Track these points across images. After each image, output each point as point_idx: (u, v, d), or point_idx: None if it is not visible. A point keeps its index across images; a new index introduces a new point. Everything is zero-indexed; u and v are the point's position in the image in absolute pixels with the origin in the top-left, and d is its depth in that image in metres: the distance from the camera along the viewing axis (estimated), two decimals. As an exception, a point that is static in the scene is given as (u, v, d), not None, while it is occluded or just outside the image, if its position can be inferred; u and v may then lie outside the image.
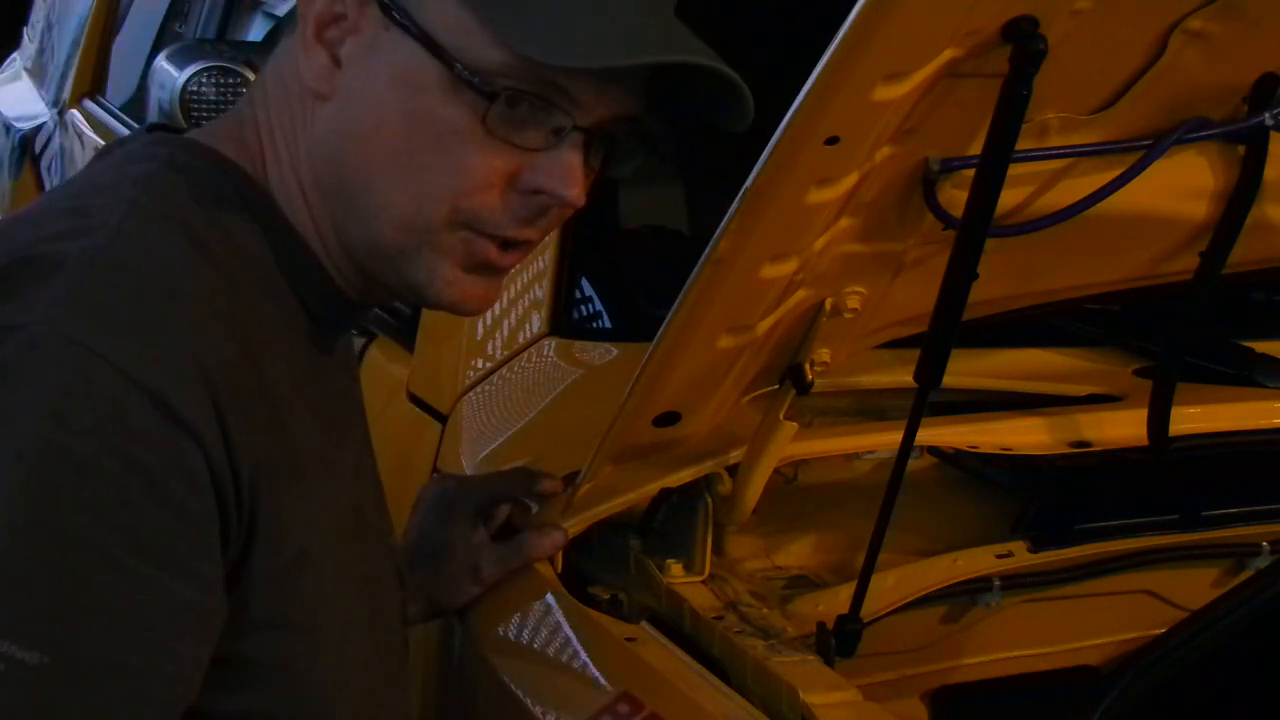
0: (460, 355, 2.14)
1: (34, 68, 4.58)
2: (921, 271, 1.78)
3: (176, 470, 1.18)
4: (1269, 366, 2.25)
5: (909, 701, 2.06)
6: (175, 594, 1.19)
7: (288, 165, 1.35)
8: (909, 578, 1.93)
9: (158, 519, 1.18)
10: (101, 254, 1.22)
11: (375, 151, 1.31)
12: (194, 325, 1.22)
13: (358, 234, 1.35)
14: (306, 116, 1.34)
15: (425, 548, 1.77)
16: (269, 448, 1.25)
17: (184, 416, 1.18)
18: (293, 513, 1.28)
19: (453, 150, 1.30)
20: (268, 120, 1.36)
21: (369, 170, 1.32)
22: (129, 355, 1.17)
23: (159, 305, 1.21)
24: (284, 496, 1.27)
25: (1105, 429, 2.05)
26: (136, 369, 1.17)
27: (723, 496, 1.84)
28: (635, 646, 1.66)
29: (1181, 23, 1.63)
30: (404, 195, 1.32)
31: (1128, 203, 1.80)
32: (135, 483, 1.16)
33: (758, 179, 1.45)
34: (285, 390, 1.29)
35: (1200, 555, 2.12)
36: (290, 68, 1.35)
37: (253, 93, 1.40)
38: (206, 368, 1.20)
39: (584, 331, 2.17)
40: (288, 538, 1.28)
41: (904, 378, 1.78)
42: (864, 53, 1.38)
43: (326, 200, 1.35)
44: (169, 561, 1.18)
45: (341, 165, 1.33)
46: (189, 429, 1.18)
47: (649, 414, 1.73)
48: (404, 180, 1.31)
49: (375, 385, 2.26)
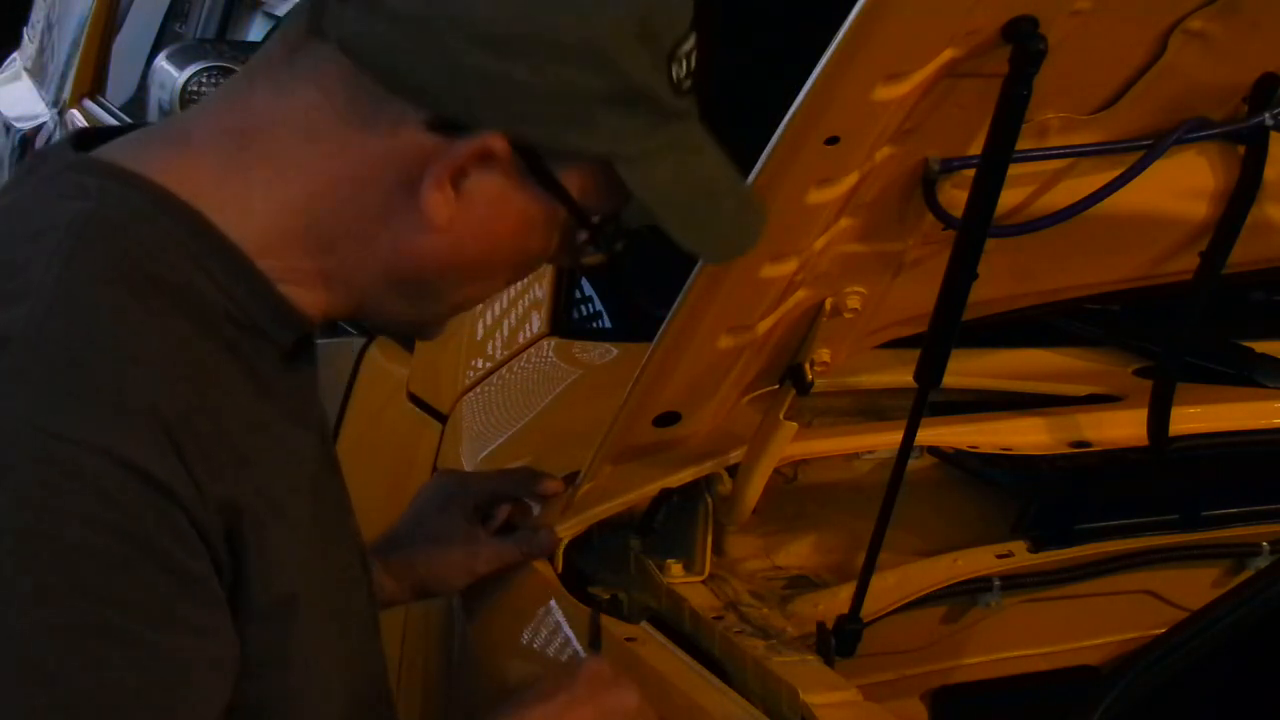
0: (460, 355, 2.14)
1: (34, 68, 4.58)
2: (921, 271, 1.78)
3: (166, 533, 1.17)
4: (1269, 366, 2.25)
5: (909, 701, 2.06)
6: (191, 653, 1.19)
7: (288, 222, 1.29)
8: (909, 578, 1.93)
9: (160, 584, 1.17)
10: (46, 326, 1.18)
11: (457, 269, 1.32)
12: (149, 385, 1.19)
13: (397, 314, 1.36)
14: (382, 218, 1.29)
15: (422, 531, 1.77)
16: (240, 492, 1.24)
17: (160, 478, 1.17)
18: (277, 552, 1.27)
19: (524, 271, 1.37)
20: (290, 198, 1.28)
21: (440, 278, 1.33)
22: (94, 430, 1.15)
23: (112, 371, 1.18)
24: (265, 537, 1.26)
25: (1105, 429, 2.05)
26: (105, 442, 1.15)
27: (723, 496, 1.84)
28: (635, 646, 1.66)
29: (1181, 23, 1.63)
30: (477, 295, 1.38)
31: (1128, 203, 1.80)
32: (131, 555, 1.16)
33: (758, 179, 1.45)
34: (247, 431, 1.26)
35: (1200, 555, 2.12)
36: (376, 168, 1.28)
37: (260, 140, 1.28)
38: (169, 424, 1.19)
39: (584, 331, 2.17)
40: (275, 578, 1.27)
41: (904, 378, 1.79)
42: (864, 53, 1.38)
43: (372, 286, 1.33)
44: (178, 624, 1.19)
45: (415, 270, 1.31)
46: (166, 489, 1.17)
47: (649, 414, 1.73)
48: (484, 286, 1.36)
49: (375, 385, 2.26)
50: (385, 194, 1.28)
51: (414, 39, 1.23)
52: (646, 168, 1.30)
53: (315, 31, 1.26)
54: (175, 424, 1.19)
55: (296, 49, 1.28)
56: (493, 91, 1.24)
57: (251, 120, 1.28)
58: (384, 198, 1.28)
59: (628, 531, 1.81)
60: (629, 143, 1.28)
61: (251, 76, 1.30)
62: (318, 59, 1.26)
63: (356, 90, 1.25)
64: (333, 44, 1.25)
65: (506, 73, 1.23)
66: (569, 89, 1.25)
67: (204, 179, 1.27)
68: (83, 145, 1.31)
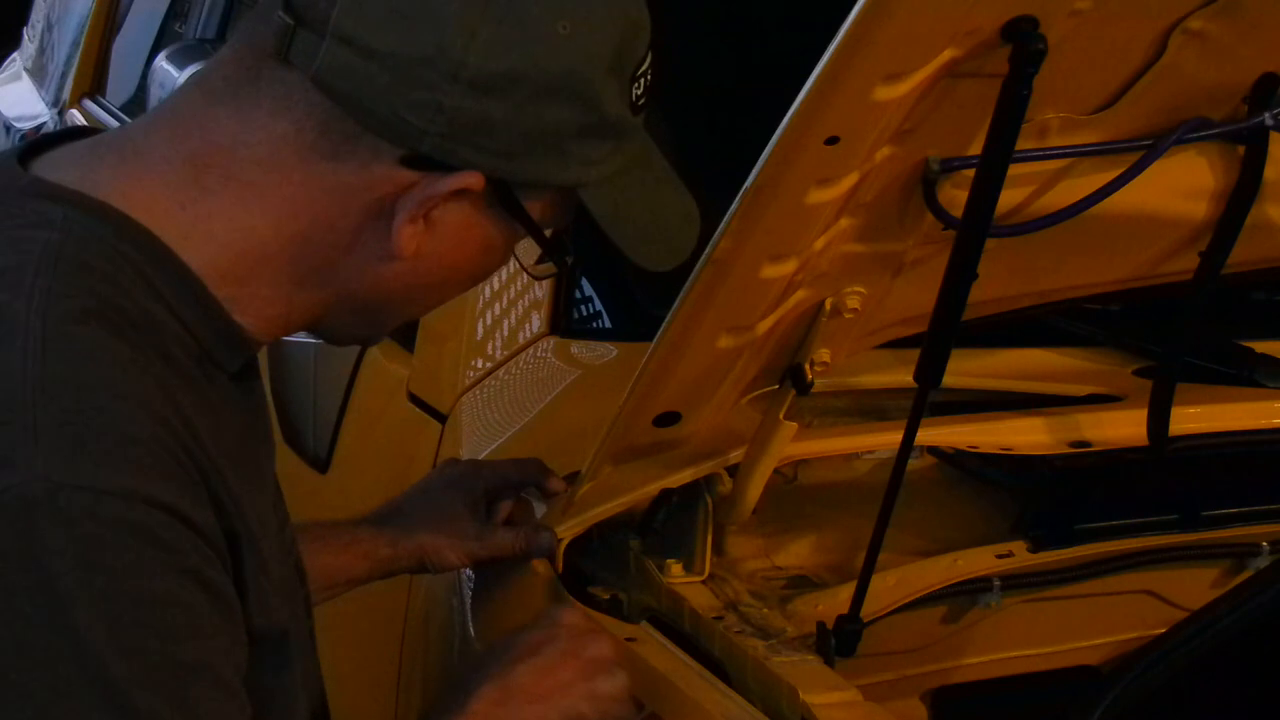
0: (460, 355, 2.14)
1: (34, 68, 4.58)
2: (921, 271, 1.78)
3: (207, 562, 1.20)
4: (1269, 366, 2.25)
5: (909, 701, 2.06)
6: (232, 659, 1.23)
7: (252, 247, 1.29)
8: (909, 578, 1.93)
9: (212, 607, 1.20)
10: (46, 381, 1.17)
11: (420, 291, 1.36)
12: (158, 422, 1.20)
13: (351, 330, 1.39)
14: (347, 245, 1.30)
15: (424, 504, 1.77)
16: (231, 519, 1.25)
17: (187, 513, 1.19)
18: (256, 573, 1.28)
19: (487, 277, 1.41)
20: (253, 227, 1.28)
21: (410, 301, 1.37)
22: (127, 478, 1.16)
23: (123, 414, 1.18)
24: (248, 559, 1.27)
25: (1105, 429, 2.05)
26: (140, 488, 1.16)
27: (723, 496, 1.84)
28: (635, 646, 1.66)
29: (1181, 23, 1.63)
30: (430, 308, 1.41)
31: (1128, 203, 1.80)
32: (190, 588, 1.18)
33: (758, 179, 1.45)
34: (220, 459, 1.26)
35: (1200, 555, 2.12)
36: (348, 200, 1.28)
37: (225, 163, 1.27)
38: (183, 460, 1.20)
39: (584, 331, 2.17)
40: (257, 597, 1.28)
41: (904, 378, 1.79)
42: (864, 53, 1.38)
43: (312, 298, 1.33)
44: (227, 635, 1.22)
45: (377, 296, 1.34)
46: (193, 524, 1.19)
47: (649, 414, 1.73)
48: (438, 301, 1.39)
49: (375, 385, 2.26)
50: (353, 225, 1.29)
51: (392, 77, 1.23)
52: (608, 191, 1.32)
53: (281, 58, 1.24)
54: (184, 458, 1.20)
55: (259, 73, 1.26)
56: (473, 131, 1.25)
57: (212, 143, 1.27)
58: (351, 228, 1.29)
59: (628, 531, 1.81)
60: (595, 169, 1.31)
61: (209, 94, 1.28)
62: (287, 88, 1.25)
63: (329, 124, 1.25)
64: (302, 75, 1.24)
65: (486, 112, 1.24)
66: (546, 125, 1.26)
67: (164, 204, 1.26)
68: (30, 154, 1.29)
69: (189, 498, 1.20)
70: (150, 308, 1.24)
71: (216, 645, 1.20)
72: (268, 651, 1.29)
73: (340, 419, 2.28)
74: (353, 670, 2.21)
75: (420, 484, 1.81)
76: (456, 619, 1.87)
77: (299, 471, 2.30)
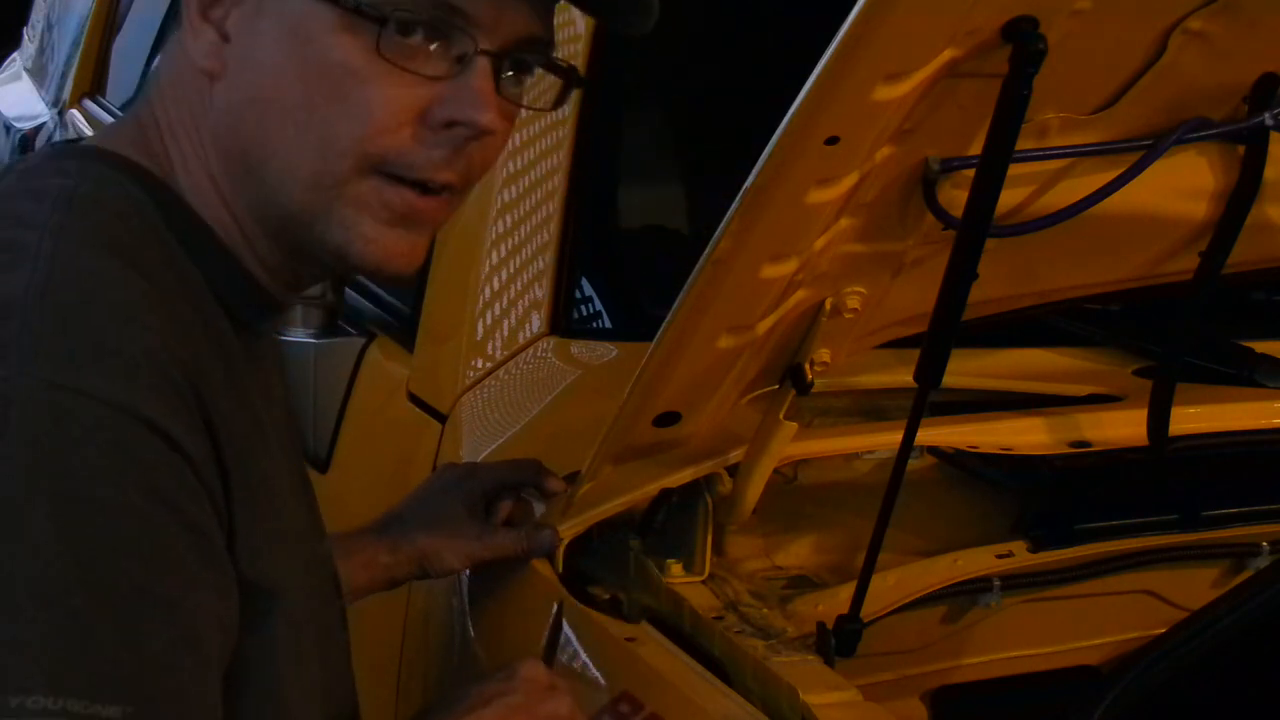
0: (460, 355, 2.14)
1: (34, 68, 4.58)
2: (921, 271, 1.78)
3: (181, 487, 1.17)
4: (1269, 366, 2.25)
5: (909, 701, 2.06)
6: (207, 609, 1.18)
7: (195, 160, 1.31)
8: (909, 578, 1.93)
9: (182, 540, 1.17)
10: (49, 289, 1.18)
11: (272, 116, 1.27)
12: (155, 342, 1.19)
13: (272, 210, 1.30)
14: (204, 102, 1.30)
15: (424, 510, 1.77)
16: (228, 459, 1.23)
17: (172, 433, 1.16)
18: (257, 523, 1.26)
19: (351, 93, 1.25)
20: (167, 118, 1.32)
21: (269, 136, 1.28)
22: (113, 386, 1.15)
23: (121, 329, 1.18)
24: (246, 505, 1.25)
25: (1105, 429, 2.05)
26: (125, 398, 1.15)
27: (723, 496, 1.84)
28: (635, 646, 1.66)
29: (1181, 23, 1.63)
30: (307, 153, 1.27)
31: (1128, 203, 1.80)
32: (154, 511, 1.15)
33: (758, 179, 1.45)
34: (225, 401, 1.25)
35: (1200, 555, 2.12)
36: (181, 59, 1.31)
37: (148, 93, 1.35)
38: (177, 382, 1.18)
39: (584, 331, 2.17)
40: (256, 548, 1.26)
41: (904, 378, 1.79)
42: (864, 53, 1.38)
43: (238, 185, 1.30)
44: (198, 579, 1.18)
45: (242, 139, 1.29)
46: (179, 445, 1.17)
47: (649, 414, 1.73)
48: (305, 137, 1.27)
49: (375, 385, 2.26)
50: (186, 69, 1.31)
51: None
52: None
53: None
54: (180, 382, 1.19)
55: None
56: None
57: (160, 81, 1.33)
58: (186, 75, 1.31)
59: (628, 531, 1.81)
60: None
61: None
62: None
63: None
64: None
65: None
66: None
67: (162, 153, 1.31)
68: None
69: (180, 421, 1.17)
70: (166, 249, 1.26)
71: (181, 581, 1.16)
72: (256, 610, 1.25)
73: (340, 419, 2.28)
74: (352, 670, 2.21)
75: (417, 490, 1.81)
76: (456, 619, 1.87)
77: (299, 471, 2.29)
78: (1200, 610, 1.96)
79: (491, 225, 2.15)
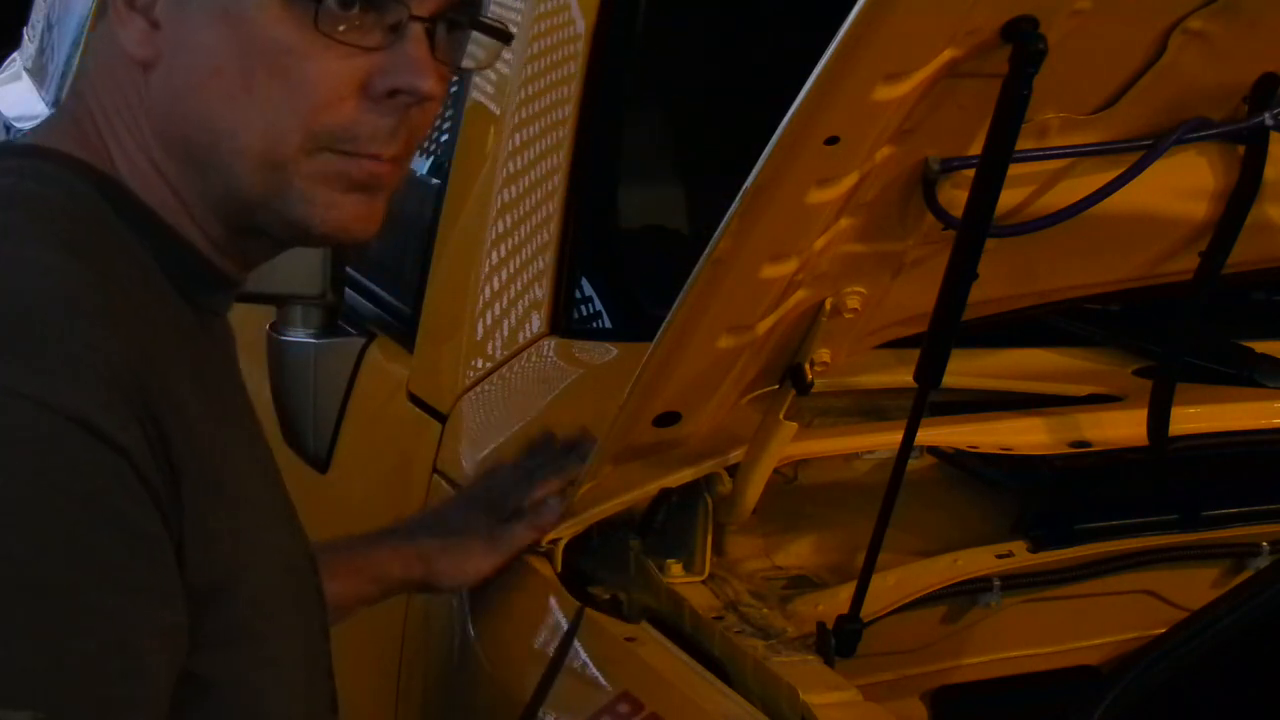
0: (460, 355, 2.13)
1: (34, 68, 4.57)
2: (921, 271, 1.78)
3: (119, 489, 1.14)
4: (1269, 366, 2.25)
5: (909, 701, 2.06)
6: (145, 617, 1.15)
7: (136, 149, 1.30)
8: (909, 578, 1.93)
9: (116, 544, 1.14)
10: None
11: (213, 100, 1.26)
12: (97, 336, 1.17)
13: (223, 193, 1.29)
14: (139, 92, 1.29)
15: (442, 523, 1.77)
16: (182, 453, 1.20)
17: (109, 432, 1.14)
18: (216, 518, 1.23)
19: (291, 70, 1.25)
20: (102, 109, 1.31)
21: (212, 121, 1.27)
22: (42, 382, 1.13)
23: (59, 323, 1.16)
24: (203, 500, 1.22)
25: (1105, 429, 2.05)
26: (53, 395, 1.12)
27: (723, 496, 1.84)
28: (635, 646, 1.66)
29: (1181, 23, 1.63)
30: (253, 134, 1.26)
31: (1128, 203, 1.80)
32: (85, 513, 1.13)
33: (758, 179, 1.45)
34: (183, 389, 1.23)
35: (1200, 555, 2.12)
36: (109, 49, 1.31)
37: (77, 87, 1.34)
38: (119, 377, 1.16)
39: (584, 331, 2.17)
40: (216, 547, 1.23)
41: (904, 378, 1.79)
42: (864, 53, 1.38)
43: (183, 171, 1.29)
44: (134, 584, 1.15)
45: (185, 126, 1.28)
46: (117, 444, 1.14)
47: (649, 414, 1.73)
48: (249, 119, 1.26)
49: (375, 385, 2.26)
50: (128, 73, 1.30)
51: None
52: None
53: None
54: (126, 377, 1.16)
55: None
56: None
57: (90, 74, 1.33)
58: (117, 68, 1.31)
59: (628, 531, 1.81)
60: None
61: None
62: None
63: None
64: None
65: None
66: None
67: (100, 145, 1.30)
68: None
69: (121, 420, 1.15)
70: (115, 237, 1.25)
71: (112, 586, 1.13)
72: (220, 605, 1.23)
73: (340, 419, 2.28)
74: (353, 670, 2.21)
75: (435, 508, 1.81)
76: (456, 619, 1.87)
77: (299, 471, 2.29)
78: (1200, 610, 1.96)
79: (491, 225, 2.15)
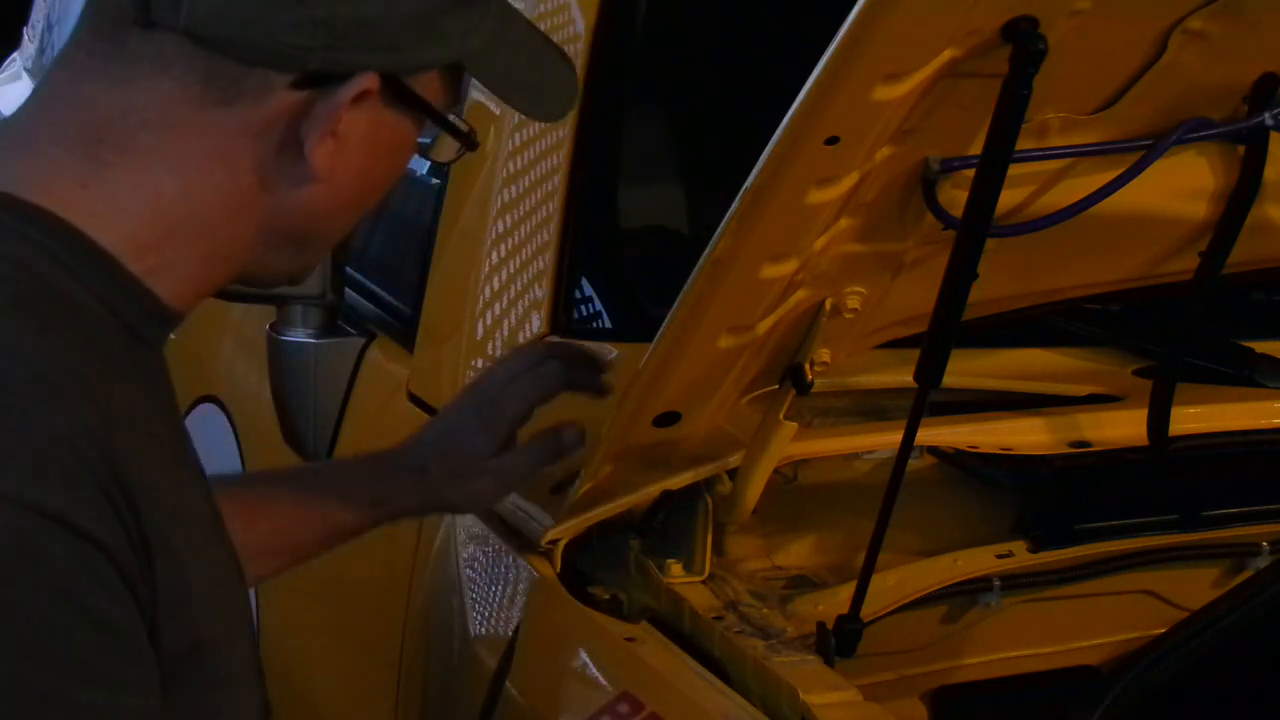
0: (460, 355, 2.14)
1: (34, 68, 4.57)
2: (921, 271, 1.78)
3: (94, 585, 1.13)
4: (1269, 366, 2.25)
5: (909, 701, 2.06)
6: (120, 709, 1.15)
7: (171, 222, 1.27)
8: (909, 578, 1.93)
9: (90, 641, 1.13)
10: None
11: (348, 207, 1.34)
12: (63, 418, 1.15)
13: (277, 270, 1.36)
14: (254, 195, 1.29)
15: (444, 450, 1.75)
16: (150, 524, 1.19)
17: (83, 526, 1.12)
18: (183, 582, 1.22)
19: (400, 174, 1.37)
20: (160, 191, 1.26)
21: (333, 222, 1.34)
22: (19, 482, 1.11)
23: (28, 412, 1.14)
24: (172, 568, 1.20)
25: (1105, 429, 2.05)
26: (32, 494, 1.11)
27: (722, 496, 1.84)
28: (635, 646, 1.66)
29: (1181, 23, 1.63)
30: (352, 225, 1.38)
31: (1128, 203, 1.80)
32: (60, 613, 1.11)
33: (758, 179, 1.45)
34: (148, 453, 1.21)
35: (1200, 555, 2.12)
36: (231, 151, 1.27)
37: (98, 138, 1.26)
38: (86, 459, 1.14)
39: (584, 331, 2.17)
40: (185, 610, 1.22)
41: (904, 378, 1.79)
42: (864, 53, 1.38)
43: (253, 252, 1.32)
44: (109, 680, 1.14)
45: (297, 224, 1.32)
46: (92, 538, 1.13)
47: (649, 414, 1.73)
48: (359, 215, 1.37)
49: (375, 385, 2.26)
50: (260, 162, 1.27)
51: (259, 6, 1.23)
52: (491, 57, 1.33)
53: (142, 23, 1.24)
54: (92, 458, 1.14)
55: (125, 42, 1.25)
56: (353, 34, 1.24)
57: (99, 118, 1.26)
58: (259, 166, 1.28)
59: (628, 531, 1.81)
60: (475, 38, 1.31)
61: (79, 73, 1.28)
62: (158, 47, 1.24)
63: (211, 71, 1.24)
64: (172, 32, 1.23)
65: (360, 12, 1.24)
66: (418, 8, 1.27)
67: (65, 186, 1.24)
68: None
69: (95, 511, 1.13)
70: (67, 289, 1.22)
71: (89, 684, 1.12)
72: (185, 669, 1.22)
73: (340, 419, 2.28)
74: (353, 670, 2.21)
75: (441, 427, 1.78)
76: (456, 619, 1.87)
77: (299, 471, 2.29)
78: (1200, 610, 1.97)
79: (491, 225, 2.15)
